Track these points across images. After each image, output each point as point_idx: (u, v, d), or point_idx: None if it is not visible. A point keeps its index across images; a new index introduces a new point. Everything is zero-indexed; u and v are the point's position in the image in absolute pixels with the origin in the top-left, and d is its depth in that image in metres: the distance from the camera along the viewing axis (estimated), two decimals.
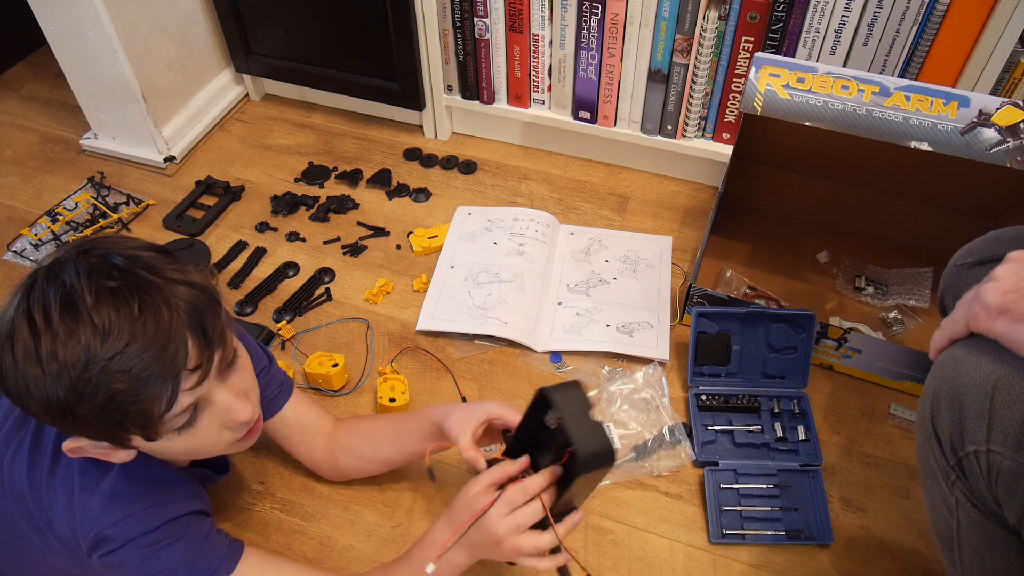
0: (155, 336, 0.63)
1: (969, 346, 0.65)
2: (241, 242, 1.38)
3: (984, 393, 0.62)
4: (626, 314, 1.23)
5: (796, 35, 1.21)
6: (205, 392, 0.69)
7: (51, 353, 0.62)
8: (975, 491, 0.64)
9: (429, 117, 1.56)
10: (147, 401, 0.64)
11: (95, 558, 0.74)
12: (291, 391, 0.97)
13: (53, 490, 0.74)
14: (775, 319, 1.10)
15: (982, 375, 0.62)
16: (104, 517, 0.73)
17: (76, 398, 0.62)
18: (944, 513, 0.68)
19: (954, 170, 1.07)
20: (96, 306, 0.62)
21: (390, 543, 0.99)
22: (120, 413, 0.63)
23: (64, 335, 0.62)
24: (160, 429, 0.67)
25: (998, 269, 0.64)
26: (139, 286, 0.64)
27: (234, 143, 1.60)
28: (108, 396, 0.62)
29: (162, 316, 0.64)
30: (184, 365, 0.65)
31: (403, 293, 1.30)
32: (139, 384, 0.63)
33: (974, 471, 0.63)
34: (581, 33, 1.32)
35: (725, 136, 1.38)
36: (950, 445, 0.65)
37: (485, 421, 0.86)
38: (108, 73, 1.41)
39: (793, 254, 1.33)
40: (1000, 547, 0.64)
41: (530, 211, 1.39)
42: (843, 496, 1.03)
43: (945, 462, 0.66)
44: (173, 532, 0.75)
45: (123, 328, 0.62)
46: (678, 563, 0.97)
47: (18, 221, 1.44)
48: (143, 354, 0.62)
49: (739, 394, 1.10)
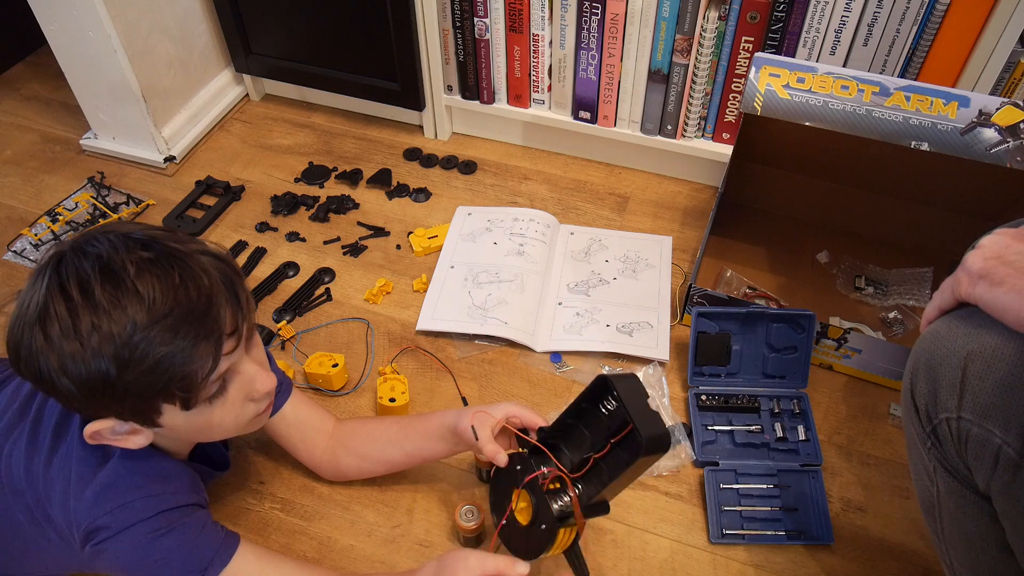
0: (198, 300, 0.66)
1: (949, 320, 0.68)
2: (241, 242, 1.38)
3: (957, 363, 0.64)
4: (626, 314, 1.23)
5: (796, 35, 1.21)
6: (235, 361, 0.71)
7: (93, 325, 0.63)
8: (948, 458, 0.67)
9: (429, 117, 1.56)
10: (193, 363, 0.65)
11: (88, 548, 0.73)
12: (291, 391, 0.97)
13: (50, 482, 0.74)
14: (775, 319, 1.10)
15: (958, 346, 0.65)
16: (98, 506, 0.73)
17: (121, 367, 0.64)
18: (925, 481, 0.71)
19: (954, 170, 1.08)
20: (139, 275, 0.64)
21: (390, 543, 0.99)
22: (166, 377, 0.65)
23: (108, 305, 0.63)
24: (200, 395, 0.69)
25: (983, 239, 0.66)
26: (173, 256, 0.67)
27: (234, 143, 1.60)
28: (155, 360, 0.64)
29: (203, 282, 0.67)
30: (224, 329, 0.68)
31: (403, 293, 1.30)
32: (186, 347, 0.65)
33: (946, 438, 0.66)
34: (581, 33, 1.32)
35: (725, 136, 1.38)
36: (926, 413, 0.67)
37: (502, 420, 0.86)
38: (108, 73, 1.41)
39: (793, 254, 1.33)
40: (973, 511, 0.67)
41: (530, 211, 1.39)
42: (843, 496, 1.03)
43: (922, 430, 0.68)
44: (168, 523, 0.75)
45: (167, 294, 0.65)
46: (678, 563, 0.97)
47: (18, 221, 1.44)
48: (188, 317, 0.65)
49: (739, 394, 1.10)
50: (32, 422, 0.77)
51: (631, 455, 0.76)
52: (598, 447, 0.81)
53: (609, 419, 0.80)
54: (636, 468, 0.77)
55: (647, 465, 0.79)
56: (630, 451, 0.77)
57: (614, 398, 0.79)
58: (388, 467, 1.00)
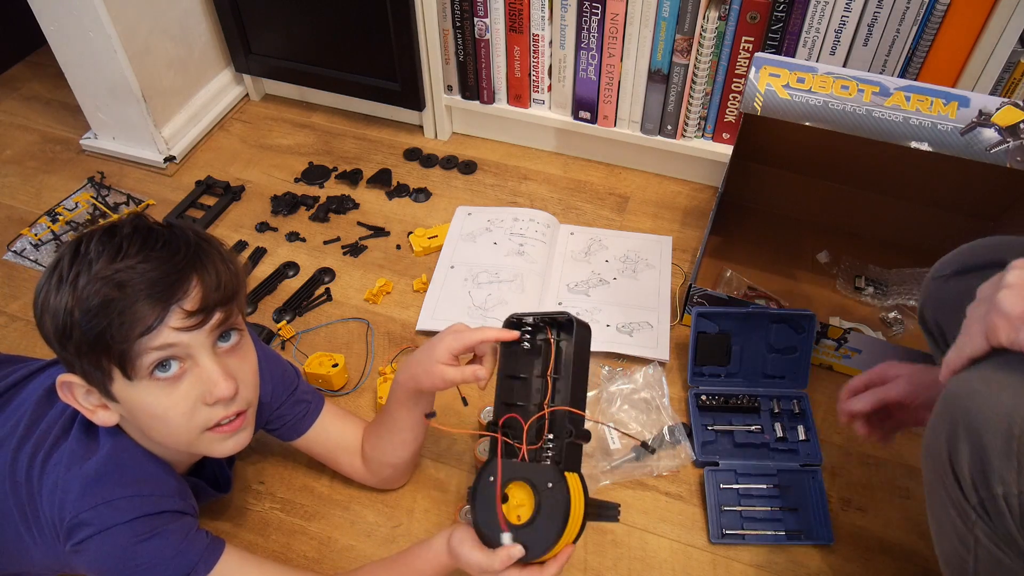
0: (163, 265, 0.68)
1: (985, 373, 0.61)
2: (241, 242, 1.38)
3: (1006, 427, 0.57)
4: (626, 314, 1.23)
5: (796, 35, 1.21)
6: (193, 350, 0.71)
7: (76, 273, 0.67)
8: (1001, 533, 0.60)
9: (429, 117, 1.56)
10: (132, 316, 0.66)
11: (69, 547, 0.73)
12: (322, 406, 0.96)
13: (44, 474, 0.74)
14: (775, 319, 1.10)
15: (1003, 408, 0.58)
16: (83, 499, 0.72)
17: (75, 305, 0.67)
18: (958, 546, 0.64)
19: (954, 170, 1.07)
20: (131, 235, 0.69)
21: (390, 543, 0.99)
22: (105, 323, 0.66)
23: (93, 255, 0.67)
24: (137, 361, 0.68)
25: (1009, 275, 0.60)
26: (174, 234, 0.71)
27: (234, 143, 1.60)
28: (100, 302, 0.66)
29: (179, 251, 0.70)
30: (180, 301, 0.69)
31: (403, 293, 1.30)
32: (130, 296, 0.66)
33: (1002, 513, 0.59)
34: (581, 33, 1.32)
35: (725, 136, 1.38)
36: (971, 484, 0.60)
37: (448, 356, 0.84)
38: (108, 73, 1.41)
39: (793, 254, 1.33)
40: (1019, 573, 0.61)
41: (530, 211, 1.39)
42: (843, 496, 1.03)
43: (963, 500, 0.62)
44: (151, 527, 0.74)
45: (142, 252, 0.68)
46: (678, 563, 0.97)
47: (18, 221, 1.44)
48: (146, 274, 0.67)
49: (739, 394, 1.10)
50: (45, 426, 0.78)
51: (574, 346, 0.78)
52: (542, 373, 0.80)
53: (533, 347, 0.82)
54: (582, 357, 0.78)
55: (588, 348, 0.81)
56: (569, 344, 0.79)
57: (527, 322, 0.82)
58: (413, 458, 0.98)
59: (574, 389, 0.78)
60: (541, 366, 0.81)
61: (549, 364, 0.80)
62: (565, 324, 0.80)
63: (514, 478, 0.75)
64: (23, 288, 1.32)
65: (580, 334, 0.80)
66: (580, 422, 0.77)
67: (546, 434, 0.77)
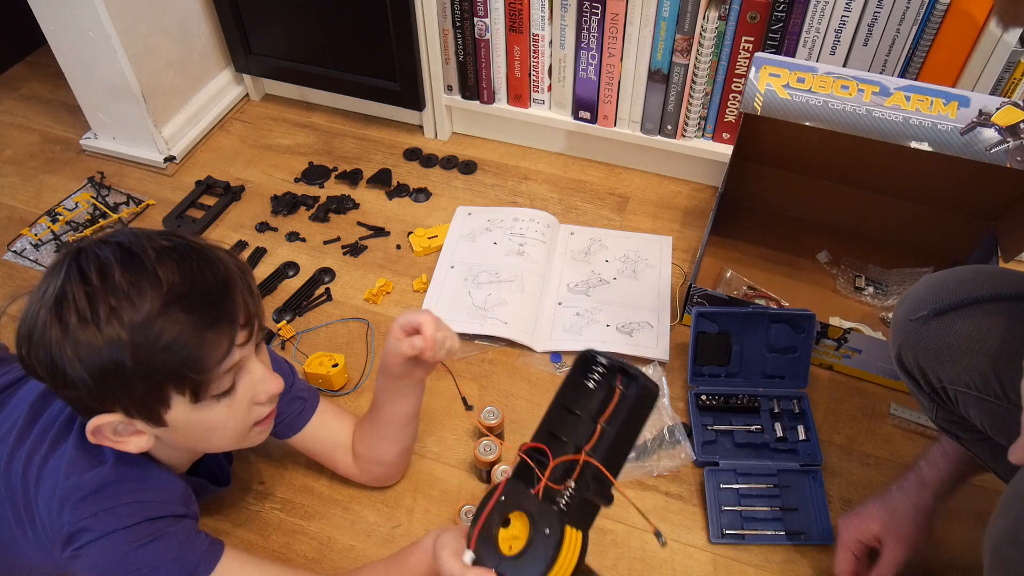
0: (215, 286, 0.67)
1: None
2: (241, 242, 1.38)
3: None
4: (626, 314, 1.23)
5: (796, 35, 1.21)
6: (245, 357, 0.71)
7: (111, 310, 0.63)
8: None
9: (429, 117, 1.56)
10: (207, 346, 0.65)
11: (68, 553, 0.72)
12: (317, 403, 0.96)
13: (41, 480, 0.74)
14: (775, 319, 1.10)
15: None
16: (82, 509, 0.72)
17: (135, 350, 0.63)
18: None
19: (954, 170, 1.07)
20: (159, 259, 0.65)
21: (390, 543, 0.99)
22: (179, 359, 0.64)
23: (127, 288, 0.63)
24: (211, 384, 0.68)
25: None
26: (192, 246, 0.68)
27: (234, 143, 1.60)
28: (170, 340, 0.63)
29: (220, 270, 0.68)
30: (239, 318, 0.68)
31: (403, 293, 1.30)
32: (201, 328, 0.64)
33: None
34: (581, 33, 1.32)
35: (725, 136, 1.38)
36: None
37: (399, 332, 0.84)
38: (108, 73, 1.41)
39: (793, 254, 1.33)
40: None
41: (530, 211, 1.39)
42: (843, 496, 1.03)
43: None
44: (151, 532, 0.73)
45: (186, 278, 0.65)
46: (678, 563, 0.97)
47: (18, 221, 1.44)
48: (205, 300, 0.65)
49: (739, 394, 1.10)
50: (42, 426, 0.77)
51: (633, 402, 0.74)
52: (595, 417, 0.76)
53: (600, 384, 0.77)
54: (633, 423, 0.74)
55: (643, 420, 0.76)
56: (631, 399, 0.75)
57: (602, 364, 0.77)
58: (404, 456, 0.99)
59: (618, 444, 0.75)
60: (596, 409, 0.77)
61: (606, 411, 0.76)
62: (634, 379, 0.76)
63: (520, 509, 0.73)
64: (23, 288, 1.32)
65: (645, 393, 0.75)
66: (607, 484, 0.75)
67: (572, 479, 0.74)
